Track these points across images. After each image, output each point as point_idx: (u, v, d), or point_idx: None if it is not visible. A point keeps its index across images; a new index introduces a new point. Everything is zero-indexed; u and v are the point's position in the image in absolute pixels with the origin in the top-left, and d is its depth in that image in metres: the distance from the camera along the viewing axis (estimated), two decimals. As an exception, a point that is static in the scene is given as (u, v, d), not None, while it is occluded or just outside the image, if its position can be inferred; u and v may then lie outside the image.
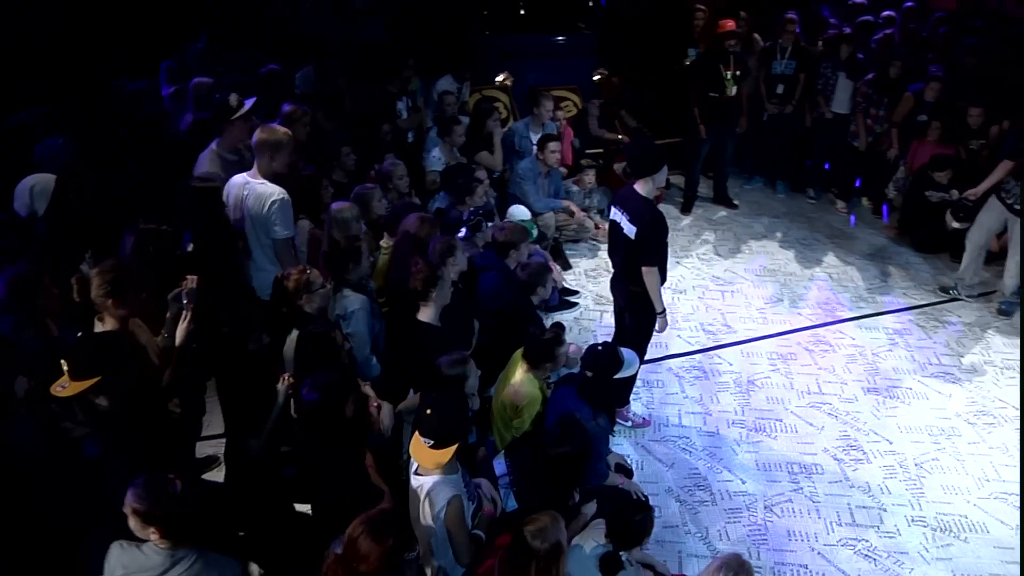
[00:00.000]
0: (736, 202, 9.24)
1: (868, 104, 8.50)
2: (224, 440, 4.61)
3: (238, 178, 5.13)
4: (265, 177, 5.06)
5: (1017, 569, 4.73)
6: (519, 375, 4.87)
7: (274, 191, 5.01)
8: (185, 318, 3.95)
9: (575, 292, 7.37)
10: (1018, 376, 6.43)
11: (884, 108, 8.44)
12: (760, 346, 6.80)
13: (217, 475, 5.08)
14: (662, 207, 5.75)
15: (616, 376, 4.59)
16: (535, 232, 7.09)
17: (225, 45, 7.35)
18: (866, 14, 9.17)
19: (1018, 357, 6.66)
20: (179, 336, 3.95)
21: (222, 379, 4.46)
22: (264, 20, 8.17)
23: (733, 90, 8.28)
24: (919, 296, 7.54)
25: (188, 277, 4.25)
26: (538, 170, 7.58)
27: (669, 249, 5.40)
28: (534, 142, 7.90)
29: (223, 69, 6.87)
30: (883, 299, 7.51)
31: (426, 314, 4.81)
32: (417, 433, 3.72)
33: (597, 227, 8.08)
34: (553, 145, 7.46)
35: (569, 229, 7.93)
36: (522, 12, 9.74)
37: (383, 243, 5.81)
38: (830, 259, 8.19)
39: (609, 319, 7.01)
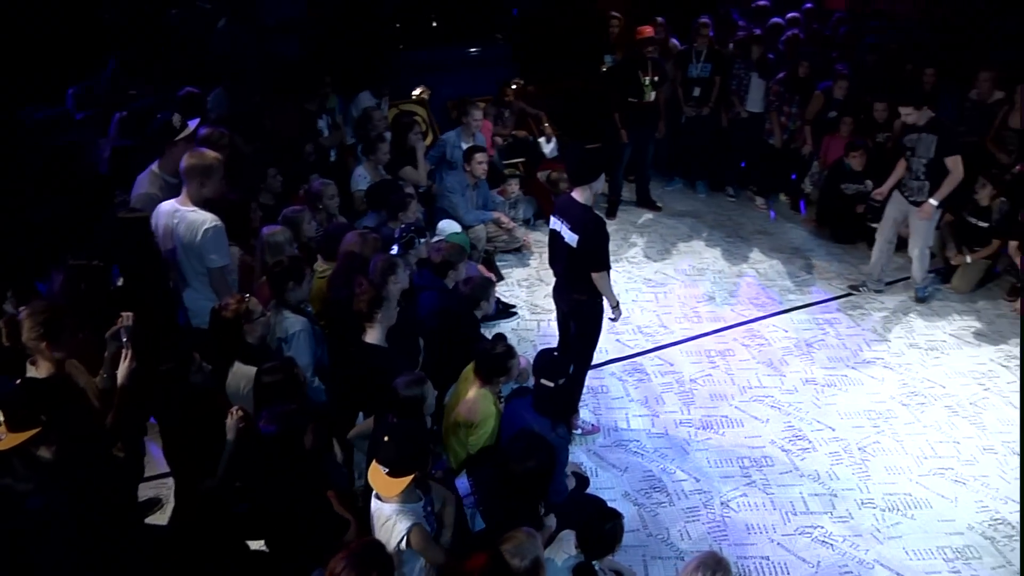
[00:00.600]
0: (659, 204, 9.42)
1: (781, 103, 8.82)
2: (164, 481, 4.43)
3: (166, 206, 4.94)
4: (195, 204, 4.89)
5: (961, 540, 4.97)
6: (472, 391, 4.82)
7: (206, 218, 4.84)
8: (126, 356, 3.77)
9: (512, 305, 7.36)
10: (944, 353, 6.78)
11: (796, 106, 8.78)
12: (698, 344, 6.94)
13: (160, 517, 4.87)
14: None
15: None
16: (467, 244, 7.07)
17: (135, 69, 7.06)
18: (772, 16, 9.53)
19: (944, 336, 7.02)
20: (121, 376, 3.77)
21: (165, 417, 4.27)
22: (174, 42, 7.90)
23: (652, 95, 8.45)
24: (843, 286, 7.83)
25: (123, 314, 4.08)
26: (466, 182, 7.56)
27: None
28: (464, 153, 7.93)
29: (136, 93, 6.60)
30: (810, 290, 7.78)
31: (372, 336, 4.72)
32: (375, 460, 3.64)
33: (525, 238, 8.13)
34: (480, 156, 7.46)
35: (499, 240, 7.93)
36: (434, 24, 9.72)
37: (317, 266, 5.68)
38: (755, 255, 8.44)
39: (547, 328, 7.07)
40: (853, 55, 8.95)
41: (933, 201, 6.82)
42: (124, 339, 3.80)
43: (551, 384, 4.58)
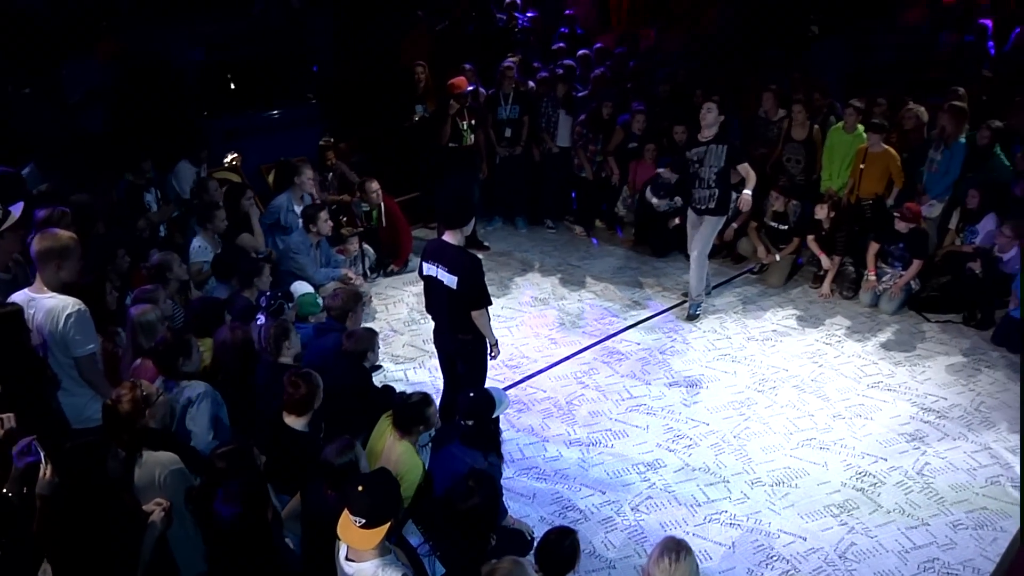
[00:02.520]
0: (486, 244, 9.79)
1: (585, 141, 9.59)
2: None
3: (18, 296, 4.56)
4: (53, 289, 4.56)
5: (839, 496, 5.67)
6: (391, 444, 4.84)
7: (67, 303, 4.53)
8: (45, 467, 3.46)
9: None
10: (778, 341, 7.63)
11: (599, 143, 9.57)
12: (562, 369, 7.31)
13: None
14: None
15: (494, 415, 4.76)
16: (321, 302, 7.02)
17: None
18: (567, 58, 10.33)
19: (773, 326, 7.89)
20: (42, 488, 3.45)
21: (72, 522, 3.90)
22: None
23: (471, 139, 8.85)
24: (674, 295, 8.57)
25: (3, 416, 3.74)
26: (309, 242, 7.52)
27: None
28: (299, 214, 7.86)
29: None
30: (647, 303, 8.44)
31: (299, 423, 4.66)
32: (347, 515, 3.59)
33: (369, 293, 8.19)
34: (324, 214, 7.46)
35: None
36: (232, 87, 9.54)
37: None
38: (589, 279, 9.01)
39: (415, 376, 7.16)
40: (647, 88, 9.91)
41: (747, 192, 7.47)
42: (41, 452, 3.50)
43: (470, 423, 4.72)
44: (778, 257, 8.60)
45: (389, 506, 3.59)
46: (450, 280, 5.39)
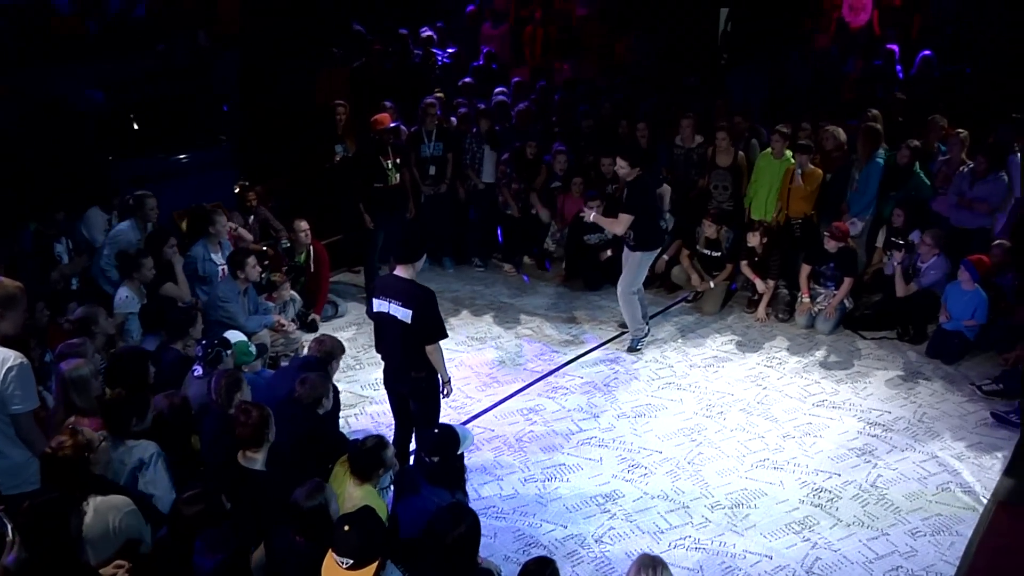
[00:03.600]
0: (415, 285, 9.95)
1: (509, 180, 9.94)
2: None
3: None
4: (-9, 341, 4.52)
5: (799, 513, 6.03)
6: (351, 491, 4.91)
7: (8, 356, 4.51)
8: (12, 543, 3.45)
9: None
10: (720, 367, 8.04)
11: (523, 182, 9.94)
12: (508, 406, 7.51)
13: None
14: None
15: (459, 451, 4.93)
16: (254, 350, 7.05)
17: None
18: (476, 93, 10.70)
19: (713, 352, 8.31)
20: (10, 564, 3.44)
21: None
22: None
23: (396, 178, 9.03)
24: (610, 327, 8.91)
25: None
26: (237, 289, 7.53)
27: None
28: (218, 263, 7.89)
29: None
30: (584, 338, 8.75)
31: (254, 461, 4.71)
32: (332, 556, 3.68)
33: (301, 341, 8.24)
34: (252, 260, 7.48)
35: (278, 344, 7.94)
36: (136, 127, 9.48)
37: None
38: (523, 316, 9.27)
39: (357, 423, 7.23)
40: (570, 120, 10.37)
41: (593, 214, 8.01)
42: (7, 524, 3.49)
43: (436, 459, 4.87)
44: (712, 284, 9.07)
45: (377, 544, 3.70)
46: (404, 314, 5.56)
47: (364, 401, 7.50)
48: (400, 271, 5.69)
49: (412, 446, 6.22)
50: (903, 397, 7.48)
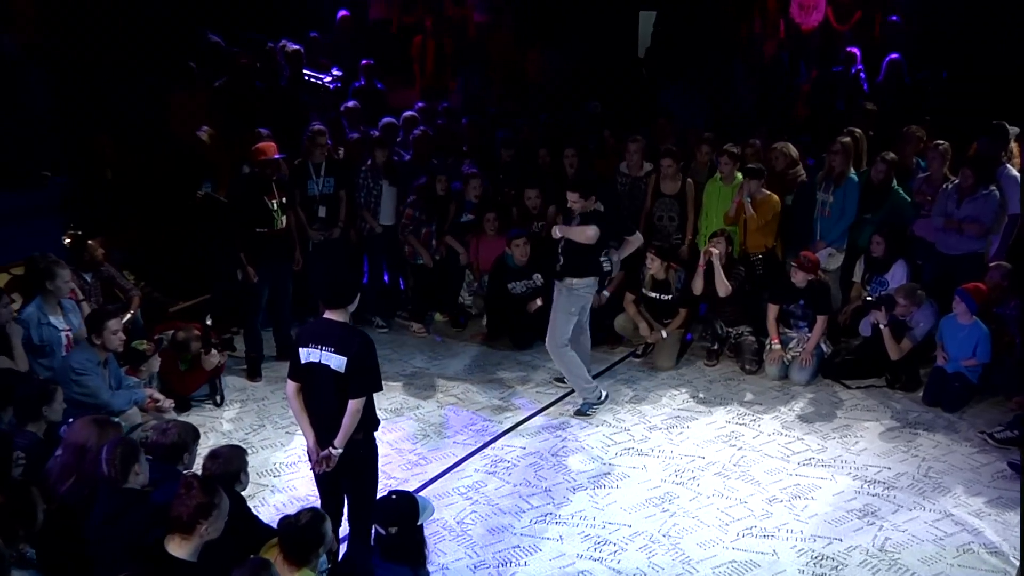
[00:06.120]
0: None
1: (417, 225, 10.37)
2: None
3: None
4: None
5: (797, 586, 6.59)
6: (288, 576, 5.21)
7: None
8: None
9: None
10: (684, 427, 8.64)
11: (434, 223, 10.42)
12: (441, 486, 7.84)
13: None
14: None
15: (420, 522, 5.32)
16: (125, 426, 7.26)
17: None
18: (360, 118, 11.20)
19: (674, 412, 8.92)
20: None
21: None
22: None
23: (283, 221, 9.33)
24: (549, 390, 9.43)
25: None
26: (96, 359, 7.69)
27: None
28: (60, 328, 8.01)
29: None
30: (520, 404, 9.21)
31: (184, 549, 4.95)
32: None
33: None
34: (114, 324, 7.61)
35: (148, 425, 8.09)
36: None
37: None
38: (443, 383, 9.67)
39: (261, 513, 7.44)
40: (485, 150, 11.00)
41: (558, 232, 8.50)
42: None
43: (393, 530, 5.25)
44: (664, 334, 9.69)
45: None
46: (338, 362, 5.92)
47: (264, 490, 7.71)
48: (332, 315, 6.09)
49: (344, 530, 6.51)
50: (902, 451, 8.12)
